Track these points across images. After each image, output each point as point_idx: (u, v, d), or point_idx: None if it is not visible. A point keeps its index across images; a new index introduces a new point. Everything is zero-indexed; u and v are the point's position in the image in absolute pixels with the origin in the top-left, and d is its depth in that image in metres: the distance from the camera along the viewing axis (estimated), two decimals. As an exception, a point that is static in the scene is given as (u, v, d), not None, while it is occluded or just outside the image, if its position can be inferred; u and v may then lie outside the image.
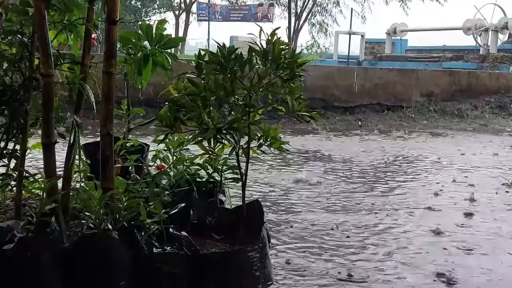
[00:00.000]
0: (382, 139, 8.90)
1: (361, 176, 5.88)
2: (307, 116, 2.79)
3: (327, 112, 10.92)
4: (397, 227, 4.01)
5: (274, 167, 6.08)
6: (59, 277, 2.37)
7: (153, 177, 3.07)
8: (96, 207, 2.49)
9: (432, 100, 12.09)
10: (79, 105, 2.71)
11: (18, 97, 2.65)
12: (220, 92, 2.66)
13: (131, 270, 2.47)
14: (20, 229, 2.42)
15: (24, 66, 2.66)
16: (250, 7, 31.73)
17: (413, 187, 5.42)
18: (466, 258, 3.39)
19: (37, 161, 4.30)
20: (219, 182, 3.23)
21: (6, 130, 2.69)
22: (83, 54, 2.73)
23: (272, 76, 2.72)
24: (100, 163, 2.61)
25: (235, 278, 2.64)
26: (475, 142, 8.81)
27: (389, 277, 3.05)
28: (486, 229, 4.00)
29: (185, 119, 2.72)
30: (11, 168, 2.77)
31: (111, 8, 2.56)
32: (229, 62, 2.66)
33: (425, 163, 6.78)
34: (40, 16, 2.45)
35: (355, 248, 3.49)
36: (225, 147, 2.90)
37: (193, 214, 3.04)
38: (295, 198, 4.77)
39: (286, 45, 2.71)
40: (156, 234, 2.59)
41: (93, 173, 2.83)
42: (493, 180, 5.74)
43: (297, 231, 3.82)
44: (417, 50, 24.08)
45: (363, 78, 11.67)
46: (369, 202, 4.70)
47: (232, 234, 2.94)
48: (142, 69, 3.05)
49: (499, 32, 20.86)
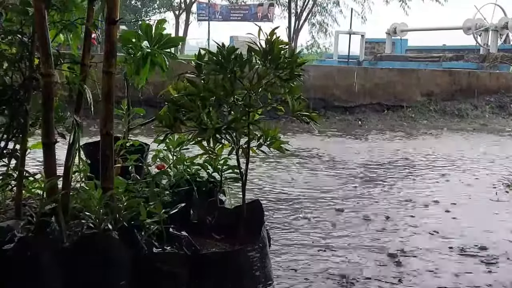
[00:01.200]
0: (382, 139, 8.89)
1: (361, 174, 5.88)
2: (306, 117, 2.79)
3: (327, 112, 10.92)
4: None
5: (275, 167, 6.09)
6: (59, 277, 2.37)
7: (153, 177, 3.07)
8: (96, 207, 2.48)
9: (432, 100, 12.09)
10: (79, 105, 2.71)
11: (18, 97, 2.65)
12: (219, 92, 2.66)
13: (131, 270, 2.47)
14: (20, 229, 2.42)
15: (24, 66, 2.66)
16: (250, 7, 31.70)
17: (413, 187, 5.43)
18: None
19: (38, 160, 4.30)
20: (219, 181, 3.23)
21: (6, 129, 2.69)
22: (83, 54, 2.73)
23: (271, 76, 2.72)
24: (100, 162, 2.61)
25: (235, 278, 2.64)
26: (476, 142, 8.81)
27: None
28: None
29: (185, 119, 2.72)
30: (11, 167, 2.77)
31: (111, 7, 2.56)
32: (229, 62, 2.66)
33: (425, 163, 6.78)
34: (40, 16, 2.45)
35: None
36: (225, 147, 2.90)
37: (193, 214, 3.04)
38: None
39: (286, 45, 2.71)
40: (156, 234, 2.59)
41: (93, 173, 2.83)
42: (493, 180, 5.74)
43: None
44: (417, 50, 24.06)
45: (363, 78, 11.66)
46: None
47: (232, 234, 2.94)
48: (141, 69, 3.05)
49: (499, 32, 20.84)
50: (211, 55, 2.71)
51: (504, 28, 20.69)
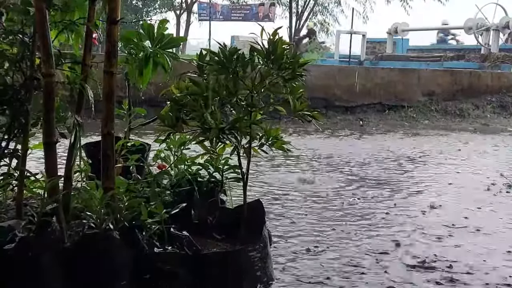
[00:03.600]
0: (383, 139, 8.89)
1: (364, 176, 5.88)
2: (308, 116, 2.79)
3: (328, 112, 10.91)
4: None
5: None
6: (60, 277, 2.37)
7: (154, 177, 3.07)
8: (97, 206, 2.48)
9: (434, 100, 12.08)
10: (80, 105, 2.71)
11: (19, 96, 2.65)
12: (222, 92, 2.66)
13: (132, 270, 2.46)
14: (21, 229, 2.42)
15: (25, 65, 2.66)
16: (251, 6, 31.69)
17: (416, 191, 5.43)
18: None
19: (38, 160, 4.30)
20: (220, 181, 3.22)
21: (7, 129, 2.69)
22: (84, 53, 2.73)
23: (274, 76, 2.71)
24: (101, 162, 2.61)
25: (236, 278, 2.64)
26: (476, 142, 8.80)
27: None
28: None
29: (187, 119, 2.72)
30: (13, 167, 2.77)
31: (112, 7, 2.55)
32: (231, 62, 2.66)
33: (425, 163, 6.78)
34: (41, 15, 2.44)
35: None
36: (227, 146, 2.90)
37: (194, 214, 3.04)
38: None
39: (288, 45, 2.71)
40: (157, 234, 2.59)
41: (94, 172, 2.83)
42: (493, 180, 5.73)
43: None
44: (419, 50, 24.04)
45: (364, 77, 11.65)
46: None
47: (233, 233, 2.94)
48: (143, 70, 3.05)
49: (501, 31, 20.81)
50: (213, 55, 2.71)
51: (506, 27, 20.64)
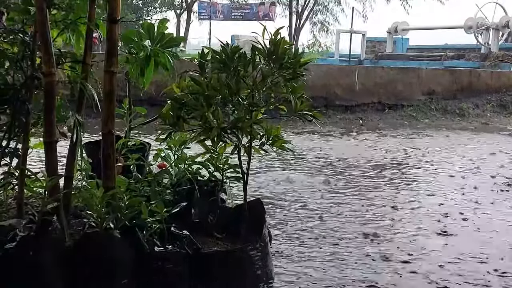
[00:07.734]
0: (383, 138, 8.88)
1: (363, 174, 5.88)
2: (309, 115, 2.79)
3: (328, 111, 10.91)
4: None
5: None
6: (61, 276, 2.37)
7: (154, 176, 3.07)
8: (98, 205, 2.49)
9: (434, 99, 12.08)
10: (80, 104, 2.71)
11: (20, 96, 2.66)
12: (224, 91, 2.66)
13: (133, 268, 2.47)
14: (22, 228, 2.43)
15: (26, 65, 2.66)
16: (252, 6, 31.73)
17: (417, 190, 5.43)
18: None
19: (39, 159, 4.30)
20: (221, 180, 3.23)
21: (8, 129, 2.69)
22: (85, 53, 2.73)
23: (275, 76, 2.71)
24: (102, 162, 2.62)
25: (237, 277, 2.64)
26: (476, 141, 8.80)
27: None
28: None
29: (189, 118, 2.72)
30: (13, 166, 2.77)
31: (113, 7, 2.56)
32: (232, 61, 2.66)
33: (426, 163, 6.78)
34: (41, 15, 2.45)
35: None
36: (228, 145, 2.90)
37: (195, 213, 3.04)
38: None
39: (289, 45, 2.71)
40: (158, 233, 2.59)
41: (95, 172, 2.83)
42: (493, 180, 5.74)
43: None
44: (419, 49, 24.04)
45: (364, 77, 11.65)
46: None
47: (233, 232, 2.94)
48: (145, 69, 3.05)
49: (500, 30, 20.81)
50: (214, 54, 2.71)
51: (505, 26, 20.65)
